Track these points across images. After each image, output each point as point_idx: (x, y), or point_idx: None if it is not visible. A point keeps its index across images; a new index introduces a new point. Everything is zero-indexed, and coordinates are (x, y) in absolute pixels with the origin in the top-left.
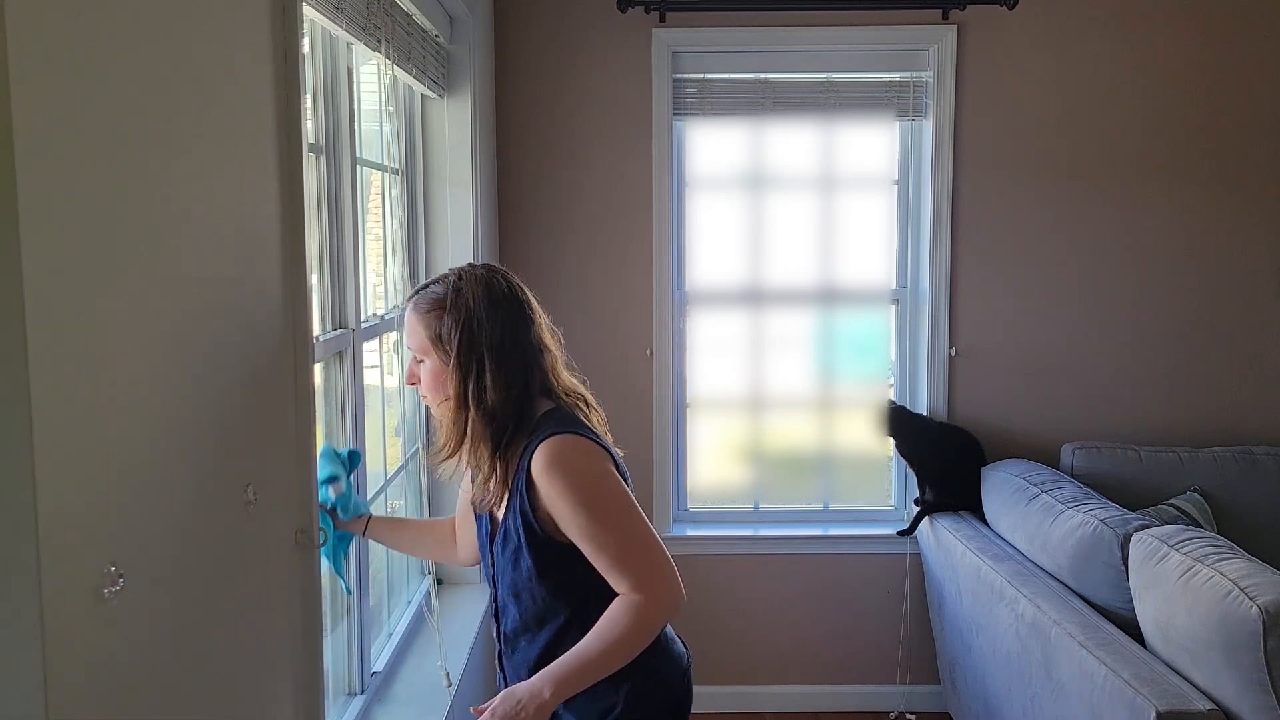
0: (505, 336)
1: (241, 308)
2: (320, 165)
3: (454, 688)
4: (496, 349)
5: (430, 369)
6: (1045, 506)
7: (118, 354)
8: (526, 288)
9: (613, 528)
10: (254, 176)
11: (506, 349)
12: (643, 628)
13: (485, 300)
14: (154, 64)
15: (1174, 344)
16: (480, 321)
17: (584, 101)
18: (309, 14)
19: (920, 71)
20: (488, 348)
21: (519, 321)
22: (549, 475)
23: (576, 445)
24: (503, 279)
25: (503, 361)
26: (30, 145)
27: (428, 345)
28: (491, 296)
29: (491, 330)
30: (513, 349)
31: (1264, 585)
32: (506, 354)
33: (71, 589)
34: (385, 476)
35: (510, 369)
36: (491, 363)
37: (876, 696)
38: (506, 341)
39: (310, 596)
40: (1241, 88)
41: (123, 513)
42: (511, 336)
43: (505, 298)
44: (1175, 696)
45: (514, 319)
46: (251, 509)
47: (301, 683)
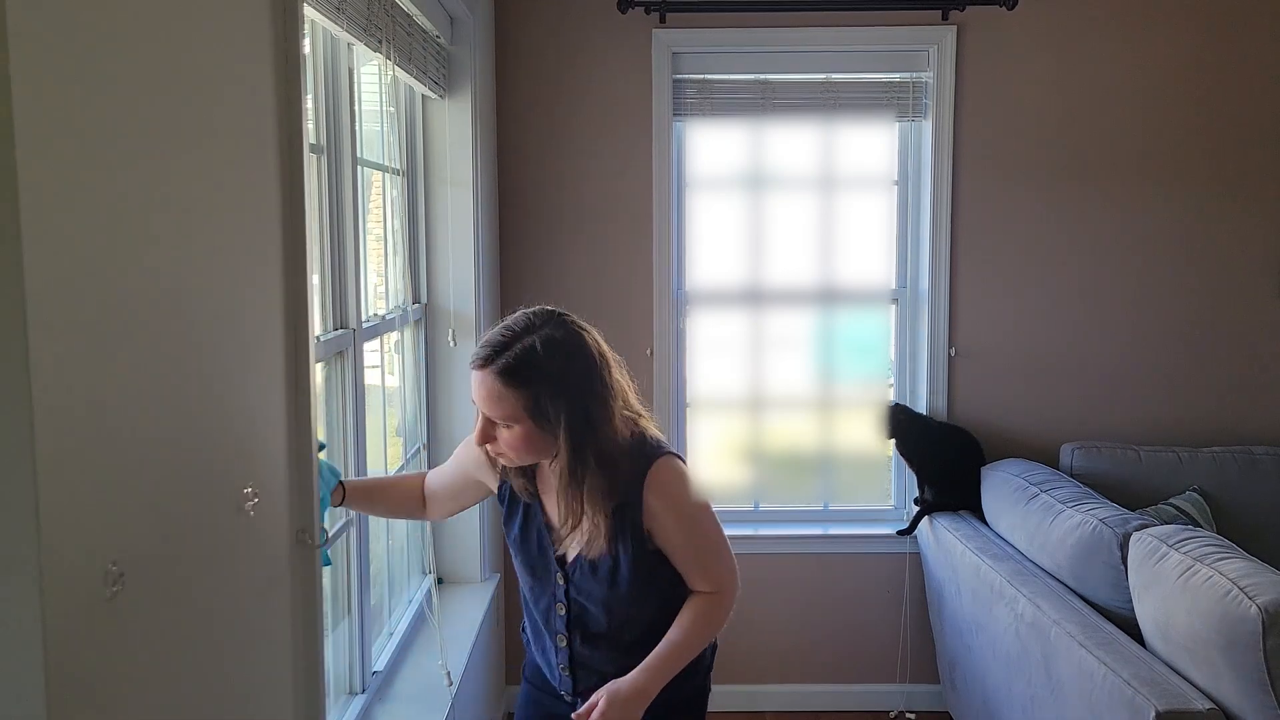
0: (601, 392)
1: (241, 307)
2: (321, 165)
3: (455, 686)
4: (600, 416)
5: (520, 434)
6: (1045, 506)
7: (118, 353)
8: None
9: (708, 540)
10: (255, 177)
11: (606, 410)
12: (722, 619)
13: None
14: (155, 64)
15: (1174, 344)
16: (582, 392)
17: (584, 102)
18: (310, 14)
19: (920, 72)
20: (595, 418)
21: (605, 376)
22: (662, 498)
23: (676, 467)
24: (581, 331)
25: (608, 427)
26: (31, 145)
27: (520, 415)
28: (584, 357)
29: (592, 397)
30: (609, 406)
31: (1263, 585)
32: (607, 415)
33: (72, 588)
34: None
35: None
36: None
37: (876, 696)
38: (604, 402)
39: (310, 596)
40: (1241, 88)
41: (123, 512)
42: (604, 393)
43: (593, 353)
44: (1175, 696)
45: (602, 375)
46: (252, 508)
47: (301, 682)
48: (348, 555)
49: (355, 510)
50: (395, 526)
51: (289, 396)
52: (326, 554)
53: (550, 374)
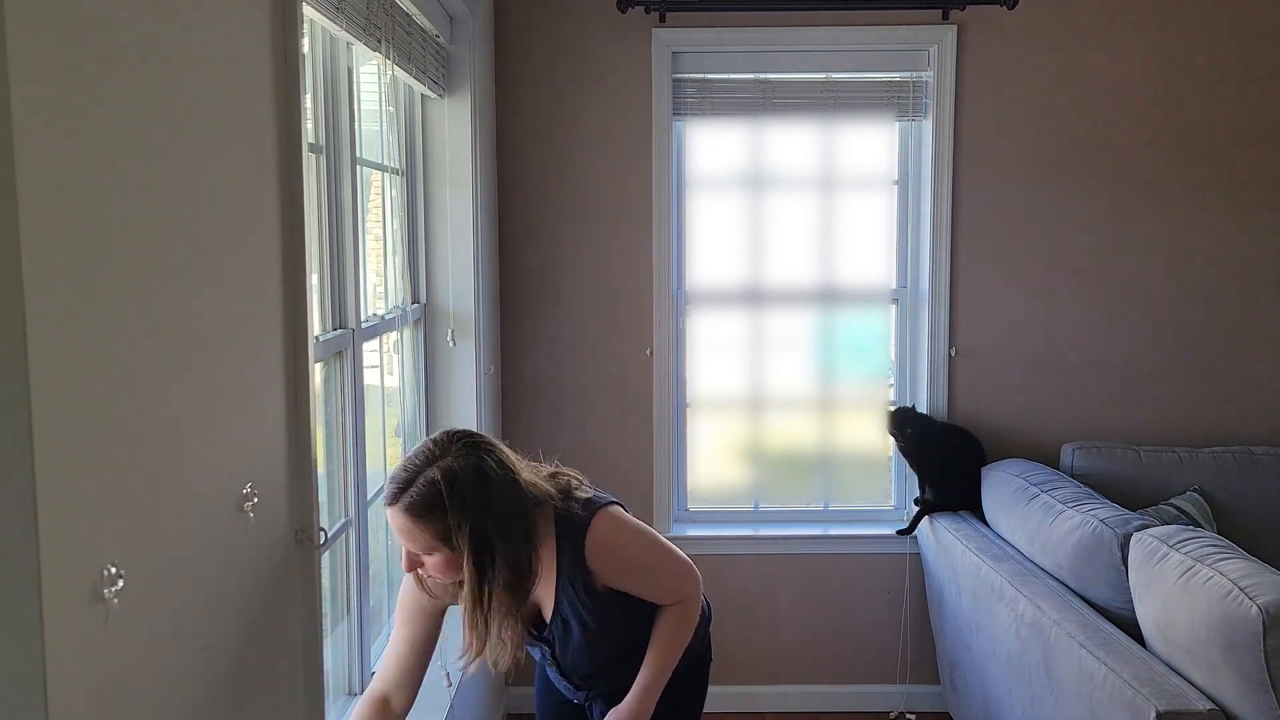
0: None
1: (240, 307)
2: (320, 165)
3: (454, 687)
4: (505, 534)
5: (438, 562)
6: (1045, 506)
7: (118, 354)
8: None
9: (657, 569)
10: (254, 176)
11: (512, 527)
12: (693, 615)
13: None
14: (154, 64)
15: (1174, 344)
16: (486, 516)
17: (584, 101)
18: (309, 14)
19: (920, 71)
20: (498, 537)
21: (512, 492)
22: (604, 561)
23: (605, 527)
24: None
25: (512, 542)
26: (30, 145)
27: (434, 544)
28: (486, 485)
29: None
30: (515, 521)
31: (1264, 585)
32: (513, 531)
33: (71, 589)
34: (385, 476)
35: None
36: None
37: (876, 696)
38: (510, 520)
39: (310, 596)
40: (1241, 87)
41: (123, 513)
42: (511, 510)
43: (497, 478)
44: (1175, 696)
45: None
46: (251, 509)
47: (301, 683)
48: (348, 555)
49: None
50: None
51: (288, 396)
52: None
53: (452, 505)
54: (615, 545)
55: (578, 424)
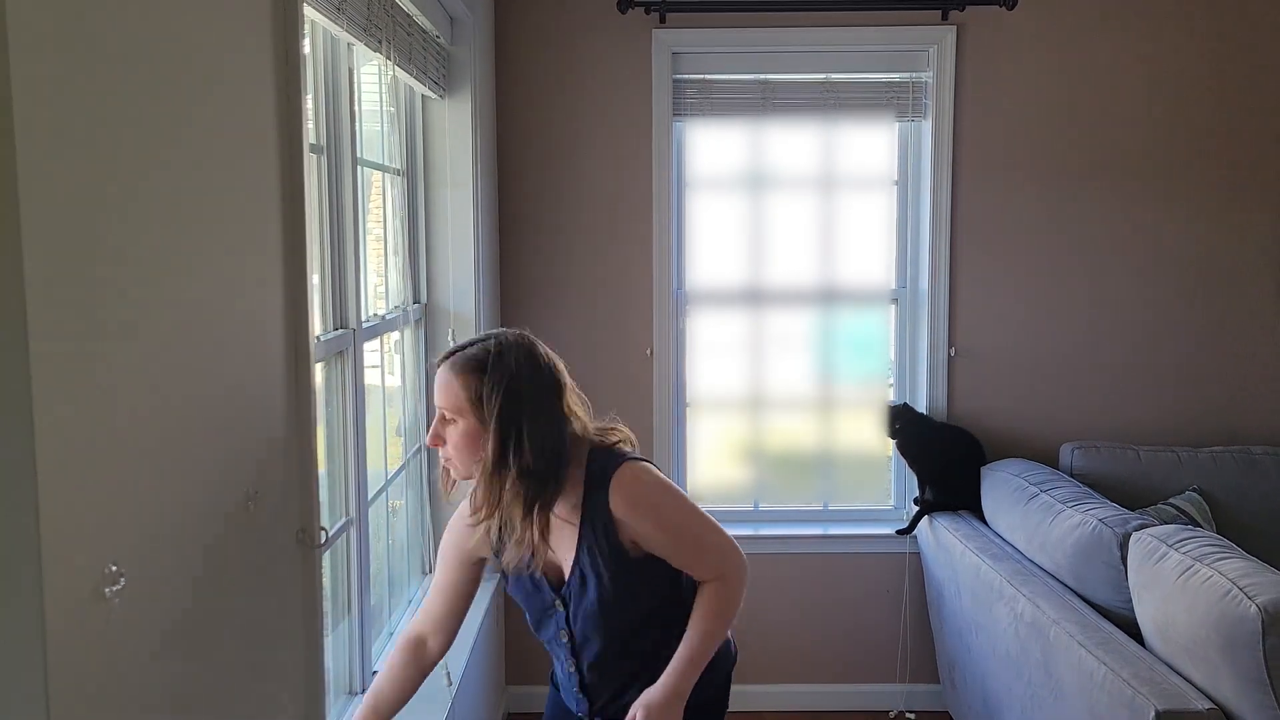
0: (543, 402)
1: (242, 308)
2: (321, 165)
3: (454, 687)
4: (535, 414)
5: (463, 430)
6: (1044, 506)
7: (118, 354)
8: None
9: (690, 531)
10: (255, 176)
11: (544, 414)
12: (735, 599)
13: (528, 366)
14: (155, 64)
15: (1173, 344)
16: (522, 386)
17: (584, 102)
18: (310, 15)
19: (920, 72)
20: (528, 413)
21: (555, 389)
22: (632, 507)
23: (639, 471)
24: (542, 347)
25: (541, 426)
26: (31, 146)
27: (464, 406)
28: (533, 363)
29: (531, 396)
30: (550, 414)
31: (1263, 584)
32: (545, 419)
33: (72, 589)
34: (386, 476)
35: (547, 433)
36: (530, 427)
37: (876, 696)
38: (544, 407)
39: (310, 596)
40: (1241, 87)
41: (123, 513)
42: (549, 402)
43: (546, 366)
44: (1174, 696)
45: (551, 386)
46: (252, 508)
47: (302, 682)
48: (348, 555)
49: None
50: (395, 526)
51: (289, 396)
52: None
53: (502, 371)
54: (642, 488)
55: None
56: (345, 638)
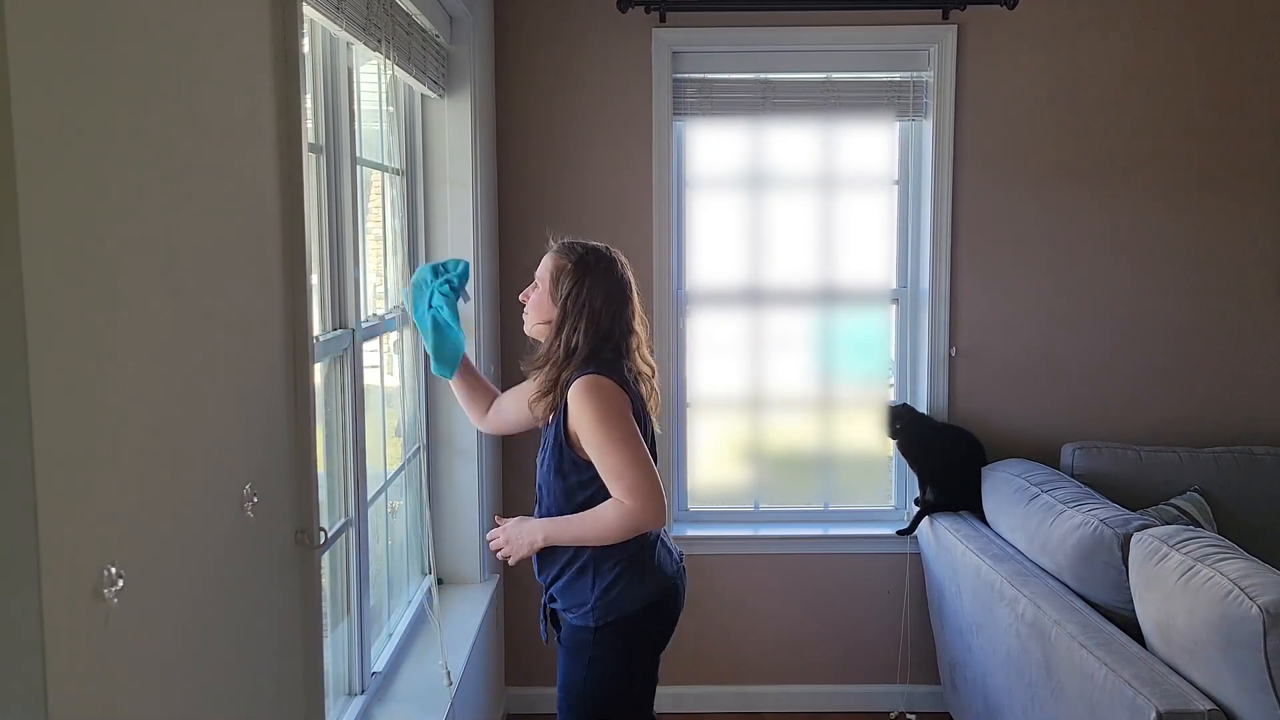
0: (604, 308)
1: (241, 308)
2: (320, 165)
3: (454, 686)
4: (593, 311)
5: (538, 296)
6: (1045, 506)
7: (118, 353)
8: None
9: (617, 449)
10: (254, 176)
11: (601, 316)
12: (617, 525)
13: (604, 275)
14: (154, 64)
15: (1174, 344)
16: (592, 287)
17: (584, 101)
18: (309, 14)
19: (920, 71)
20: (588, 307)
21: (621, 303)
22: (579, 402)
23: (604, 384)
24: (625, 270)
25: (593, 322)
26: (30, 146)
27: (546, 277)
28: (610, 275)
29: (596, 298)
30: (605, 318)
31: (1264, 585)
32: (599, 319)
33: (71, 589)
34: (385, 476)
35: (597, 330)
36: (585, 319)
37: (876, 696)
38: (603, 311)
39: (310, 596)
40: (1242, 87)
41: (123, 513)
42: (608, 309)
43: (619, 282)
44: (1175, 696)
45: (618, 299)
46: (251, 509)
47: (301, 683)
48: (348, 555)
49: (456, 386)
50: (395, 527)
51: (288, 396)
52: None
53: (583, 267)
54: (586, 401)
55: None
56: (345, 638)
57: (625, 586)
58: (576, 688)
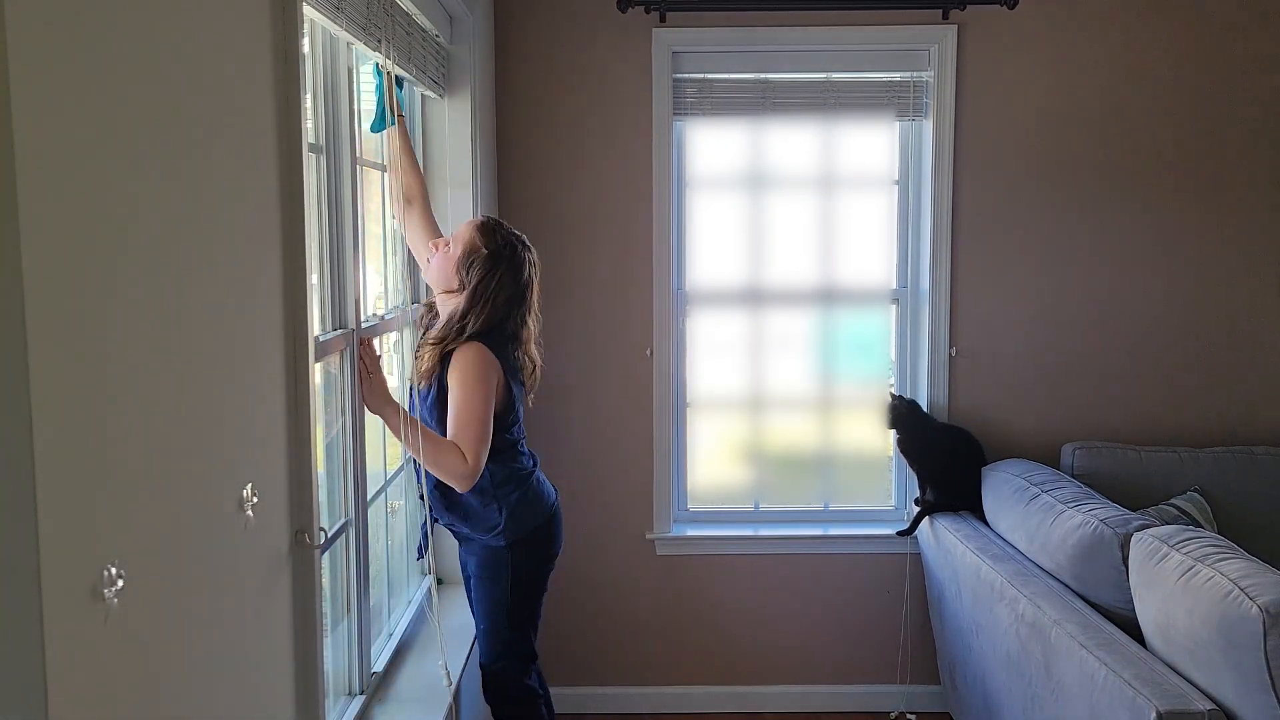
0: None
1: (240, 307)
2: (320, 165)
3: (454, 686)
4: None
5: (446, 259)
6: (1045, 506)
7: (118, 354)
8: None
9: (457, 417)
10: (254, 176)
11: (499, 309)
12: (439, 462)
13: (513, 273)
14: (154, 64)
15: (1174, 344)
16: (499, 281)
17: (584, 101)
18: (309, 14)
19: (920, 71)
20: (491, 301)
21: (519, 303)
22: (461, 360)
23: (473, 352)
24: (533, 270)
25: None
26: (30, 146)
27: (459, 250)
28: (518, 274)
29: (499, 293)
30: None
31: (1264, 585)
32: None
33: (72, 589)
34: (385, 476)
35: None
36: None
37: (876, 696)
38: (503, 306)
39: (309, 597)
40: (1242, 88)
41: (122, 513)
42: (507, 306)
43: (524, 284)
44: (1176, 696)
45: (519, 299)
46: (251, 509)
47: (301, 683)
48: (348, 555)
49: (394, 147)
50: (394, 527)
51: (288, 396)
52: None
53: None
54: (461, 365)
55: (578, 423)
56: (344, 638)
57: (525, 507)
58: (501, 603)
